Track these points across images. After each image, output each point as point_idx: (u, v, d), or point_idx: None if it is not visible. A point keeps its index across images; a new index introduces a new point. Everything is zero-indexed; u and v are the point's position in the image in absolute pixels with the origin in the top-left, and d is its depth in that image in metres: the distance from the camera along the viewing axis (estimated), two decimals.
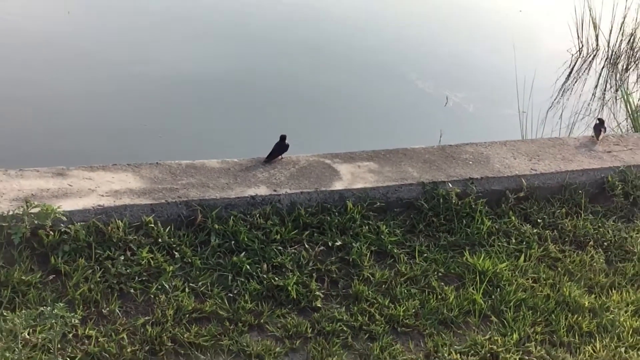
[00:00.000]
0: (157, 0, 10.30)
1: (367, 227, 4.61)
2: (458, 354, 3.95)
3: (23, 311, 3.58)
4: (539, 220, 5.01)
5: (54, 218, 3.99)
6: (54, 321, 3.51)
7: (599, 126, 5.88)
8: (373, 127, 7.92)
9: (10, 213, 3.94)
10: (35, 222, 3.94)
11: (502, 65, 9.89)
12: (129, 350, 3.62)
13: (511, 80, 8.57)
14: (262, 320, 3.95)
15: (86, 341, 3.62)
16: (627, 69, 10.93)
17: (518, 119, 8.03)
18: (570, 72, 10.57)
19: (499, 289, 4.41)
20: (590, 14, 10.79)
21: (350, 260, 4.40)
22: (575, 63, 10.74)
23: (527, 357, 4.01)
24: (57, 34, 8.56)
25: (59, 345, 3.52)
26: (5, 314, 3.56)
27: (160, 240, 4.17)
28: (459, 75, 9.82)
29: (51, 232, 3.97)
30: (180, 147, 6.11)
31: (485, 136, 5.76)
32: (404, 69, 9.70)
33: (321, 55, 9.62)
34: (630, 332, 4.29)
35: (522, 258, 4.68)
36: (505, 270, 4.53)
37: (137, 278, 3.98)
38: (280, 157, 4.85)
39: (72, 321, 3.57)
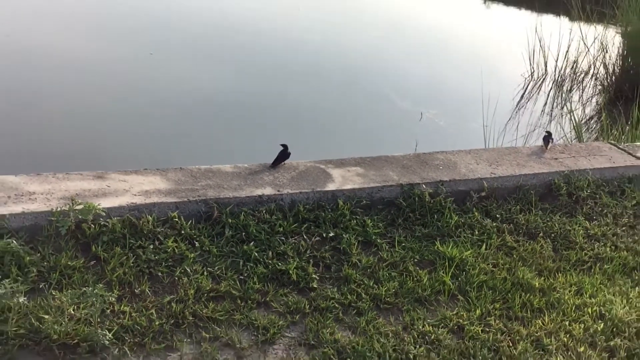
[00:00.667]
0: (179, 29, 10.31)
1: (355, 221, 4.63)
2: (430, 327, 3.97)
3: (69, 291, 3.61)
4: (497, 215, 5.05)
5: (94, 214, 4.01)
6: (94, 299, 3.53)
7: (548, 138, 5.91)
8: (360, 138, 7.97)
9: (58, 210, 3.96)
10: (79, 217, 3.96)
11: (468, 86, 9.98)
12: (157, 323, 3.63)
13: (476, 99, 8.65)
14: (267, 299, 3.97)
15: (121, 316, 3.63)
16: (570, 90, 11.01)
17: (482, 131, 8.08)
18: (524, 93, 10.65)
19: (464, 273, 4.44)
20: (540, 44, 10.87)
21: (341, 248, 4.43)
22: (528, 85, 10.82)
23: (487, 329, 4.03)
24: (96, 59, 8.56)
25: (98, 319, 3.54)
26: (53, 293, 3.59)
27: (183, 232, 4.19)
28: (432, 95, 9.90)
29: (92, 225, 3.99)
30: (200, 154, 6.14)
31: (454, 146, 5.79)
32: (386, 90, 9.77)
33: (318, 78, 9.69)
34: (573, 308, 4.31)
35: (483, 247, 4.72)
36: (469, 257, 4.56)
37: (163, 263, 4.00)
38: (283, 163, 4.88)
39: (110, 299, 3.60)
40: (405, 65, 11.09)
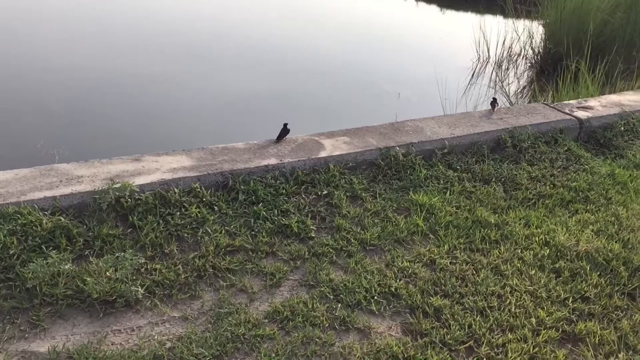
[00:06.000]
0: (199, 37, 9.65)
1: (343, 180, 4.00)
2: (408, 262, 3.36)
3: (107, 256, 3.04)
4: (457, 167, 4.38)
5: (130, 190, 3.42)
6: (127, 262, 2.96)
7: (493, 102, 5.21)
8: (349, 115, 7.33)
9: (100, 189, 3.37)
10: (117, 193, 3.37)
11: (432, 71, 9.44)
12: (182, 277, 3.07)
13: (438, 80, 8.02)
14: (274, 249, 3.37)
15: (153, 272, 3.06)
16: (507, 69, 10.34)
17: (441, 104, 7.45)
18: (473, 73, 9.93)
19: (433, 215, 3.81)
20: (484, 36, 10.20)
21: (333, 203, 3.80)
22: (476, 68, 10.09)
23: (455, 261, 3.42)
24: (132, 65, 7.94)
25: (133, 277, 2.98)
26: (91, 259, 3.02)
27: (204, 199, 3.58)
28: (406, 80, 9.22)
29: (129, 200, 3.40)
30: (220, 135, 5.55)
31: (422, 115, 5.10)
32: (373, 77, 9.12)
33: (314, 68, 9.03)
34: (523, 238, 3.68)
35: (448, 193, 4.07)
36: (437, 202, 3.91)
37: (188, 226, 3.40)
38: (284, 138, 4.24)
39: (139, 261, 3.03)
40: (385, 58, 10.43)
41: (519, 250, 3.58)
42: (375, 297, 3.11)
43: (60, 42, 8.60)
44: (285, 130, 4.25)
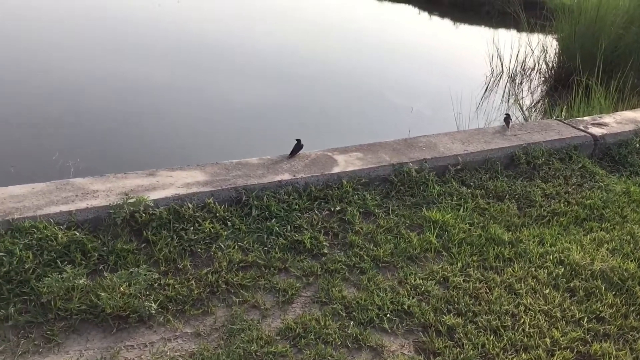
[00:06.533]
0: (213, 51, 9.71)
1: (356, 196, 3.99)
2: (421, 280, 3.35)
3: (121, 271, 3.05)
4: (471, 183, 4.36)
5: (145, 204, 3.44)
6: (141, 277, 2.98)
7: (507, 119, 5.19)
8: (362, 129, 7.33)
9: (115, 204, 3.39)
10: (132, 208, 3.39)
11: (445, 85, 9.47)
12: (195, 292, 3.07)
13: (452, 94, 8.01)
14: (287, 265, 3.37)
15: (166, 288, 3.07)
16: (521, 83, 10.30)
17: (454, 119, 7.42)
18: (487, 87, 9.90)
19: (446, 232, 3.79)
20: (497, 51, 10.17)
21: (346, 219, 3.79)
22: (490, 82, 10.07)
23: (468, 279, 3.40)
24: (148, 76, 7.99)
25: (146, 293, 2.99)
26: (106, 274, 3.04)
27: (217, 214, 3.59)
28: (420, 93, 9.20)
29: (143, 214, 3.42)
30: (233, 150, 5.57)
31: (435, 130, 5.09)
32: (386, 90, 9.12)
33: (326, 80, 9.05)
34: (537, 256, 3.65)
35: (461, 210, 4.05)
36: (450, 219, 3.90)
37: (202, 241, 3.41)
38: (298, 153, 4.25)
39: (153, 277, 3.04)
40: (398, 71, 10.43)
41: (533, 269, 3.55)
42: (388, 315, 3.09)
43: (74, 55, 8.70)
44: (298, 146, 4.26)
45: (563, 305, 3.28)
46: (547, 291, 3.37)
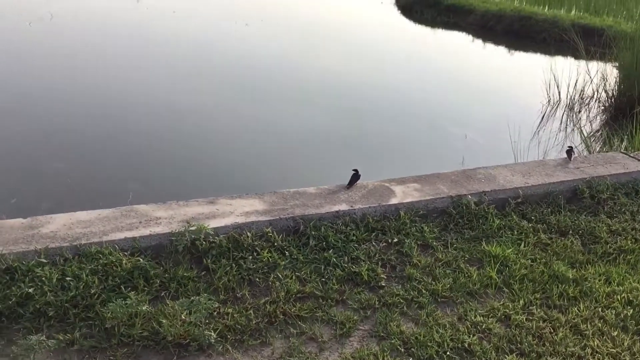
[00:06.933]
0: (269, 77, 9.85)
1: (414, 228, 3.95)
2: (481, 317, 3.26)
3: (182, 299, 3.10)
4: (532, 217, 4.24)
5: (205, 233, 3.49)
6: (201, 306, 3.01)
7: (570, 151, 5.06)
8: (414, 155, 7.28)
9: (177, 231, 3.46)
10: (193, 236, 3.45)
11: (500, 112, 9.37)
12: (253, 322, 3.08)
13: (508, 122, 7.89)
14: (344, 297, 3.35)
15: (225, 317, 3.09)
16: (580, 112, 10.04)
17: (511, 147, 7.28)
18: (543, 116, 9.70)
19: (507, 268, 3.69)
20: (554, 78, 9.97)
21: (404, 251, 3.75)
22: (546, 110, 9.86)
23: (531, 317, 3.29)
24: (205, 105, 8.15)
25: (206, 322, 3.02)
26: (168, 302, 3.08)
27: (275, 244, 3.62)
28: (474, 121, 9.08)
29: (204, 242, 3.47)
30: (288, 178, 5.60)
31: (492, 159, 5.03)
32: (439, 117, 9.06)
33: (380, 107, 9.04)
34: (604, 296, 3.51)
35: (522, 245, 3.94)
36: (511, 254, 3.80)
37: (260, 271, 3.43)
38: (355, 183, 4.24)
39: (213, 305, 3.07)
40: (451, 98, 10.35)
41: (600, 309, 3.41)
42: (448, 353, 3.01)
43: (135, 81, 9.00)
44: (356, 176, 4.26)
45: (632, 349, 3.13)
46: (616, 333, 3.22)
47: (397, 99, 9.81)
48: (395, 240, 3.84)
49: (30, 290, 2.98)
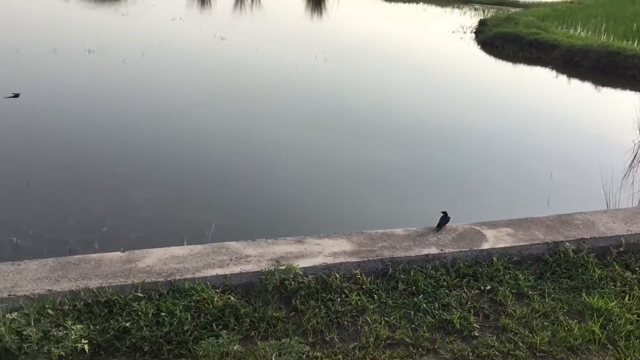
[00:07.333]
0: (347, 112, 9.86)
1: (508, 275, 3.79)
2: None
3: (272, 341, 3.07)
4: (637, 268, 3.97)
5: (294, 272, 3.48)
6: (291, 349, 2.97)
7: None
8: (501, 196, 7.02)
9: (266, 270, 3.47)
10: (282, 275, 3.45)
11: (588, 151, 9.00)
12: None
13: (596, 161, 7.54)
14: (436, 346, 3.22)
15: None
16: None
17: (602, 188, 6.91)
18: (635, 155, 9.19)
19: (611, 322, 3.46)
20: None
21: (497, 300, 3.59)
22: (639, 150, 9.35)
23: None
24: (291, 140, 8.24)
25: None
26: (259, 343, 3.07)
27: (364, 286, 3.56)
28: (559, 160, 8.72)
29: (293, 282, 3.46)
30: (377, 218, 5.52)
31: (579, 199, 4.77)
32: (521, 155, 8.76)
33: (461, 144, 8.82)
34: None
35: (626, 298, 3.69)
36: (615, 307, 3.55)
37: (348, 314, 3.38)
38: (444, 226, 4.13)
39: (303, 349, 3.02)
40: (535, 136, 10.00)
41: None
42: None
43: (221, 117, 9.27)
44: (445, 219, 4.16)
45: None
46: None
47: (478, 136, 9.58)
48: (488, 287, 3.69)
49: (128, 324, 3.06)
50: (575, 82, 14.78)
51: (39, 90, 9.77)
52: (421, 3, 27.59)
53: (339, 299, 3.46)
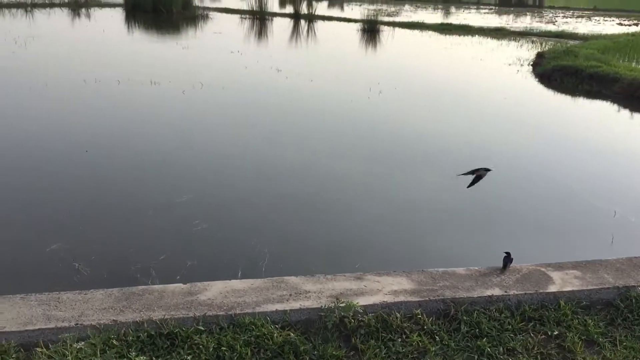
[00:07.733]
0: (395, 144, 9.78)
1: (576, 321, 3.64)
2: None
3: None
4: None
5: (354, 310, 3.44)
6: None
7: None
8: (562, 235, 6.77)
9: (326, 307, 3.45)
10: (342, 313, 3.41)
11: None
12: None
13: None
14: None
15: None
16: None
17: None
18: None
19: None
20: None
21: (566, 346, 3.45)
22: None
23: None
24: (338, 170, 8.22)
25: None
26: None
27: (425, 327, 3.48)
28: (623, 196, 8.38)
29: (352, 320, 3.41)
30: (436, 258, 5.41)
31: None
32: (581, 191, 8.45)
33: (514, 179, 8.57)
34: None
35: None
36: None
37: (409, 355, 3.30)
38: (508, 267, 4.01)
39: None
40: (596, 170, 9.67)
41: None
42: None
43: (276, 148, 9.38)
44: (508, 259, 4.05)
45: None
46: None
47: (535, 171, 9.35)
48: (556, 332, 3.54)
49: (189, 357, 3.07)
50: (638, 117, 14.30)
51: (108, 120, 10.19)
52: (477, 36, 27.46)
53: (399, 340, 3.39)
